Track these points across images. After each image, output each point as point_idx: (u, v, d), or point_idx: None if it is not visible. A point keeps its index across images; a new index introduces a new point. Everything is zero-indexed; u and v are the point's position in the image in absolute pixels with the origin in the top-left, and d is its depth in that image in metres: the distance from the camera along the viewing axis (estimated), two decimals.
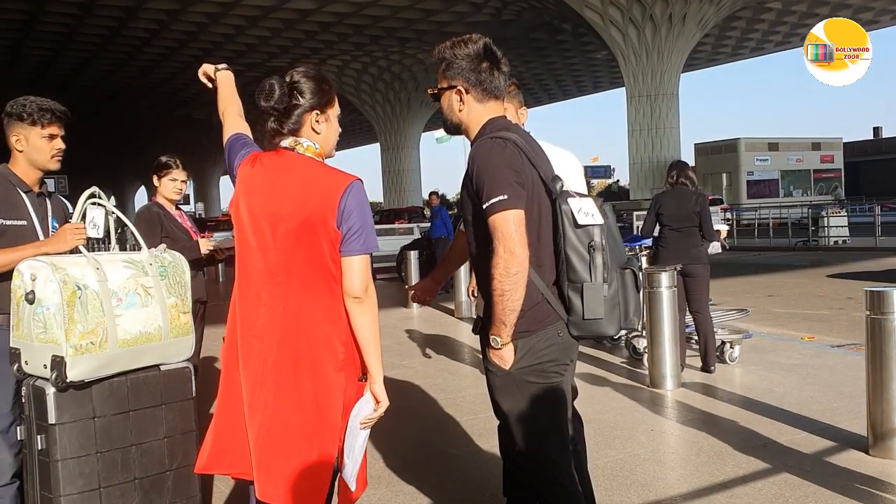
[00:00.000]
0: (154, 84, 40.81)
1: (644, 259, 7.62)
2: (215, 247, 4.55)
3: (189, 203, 47.78)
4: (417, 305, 11.34)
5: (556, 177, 2.54)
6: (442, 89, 2.63)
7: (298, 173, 2.36)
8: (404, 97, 38.58)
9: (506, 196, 2.38)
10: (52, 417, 2.56)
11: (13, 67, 35.02)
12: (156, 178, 4.55)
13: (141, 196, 76.13)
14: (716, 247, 6.84)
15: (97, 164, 58.98)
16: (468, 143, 2.67)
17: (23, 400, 2.68)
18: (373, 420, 2.38)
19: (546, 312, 2.49)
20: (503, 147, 2.47)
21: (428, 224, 17.62)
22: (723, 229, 7.06)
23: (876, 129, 61.70)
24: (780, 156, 37.99)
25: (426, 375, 6.77)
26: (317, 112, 2.40)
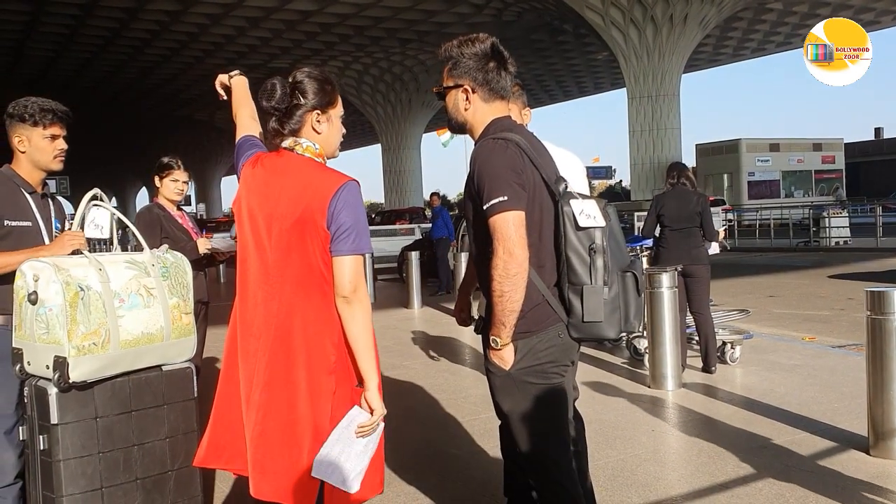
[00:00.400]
0: (155, 85, 40.81)
1: (645, 259, 7.63)
2: (212, 249, 4.54)
3: (191, 204, 47.86)
4: (418, 305, 11.50)
5: (560, 178, 2.54)
6: (448, 88, 2.62)
7: (295, 174, 2.35)
8: (405, 98, 38.56)
9: (506, 197, 2.37)
10: (55, 418, 2.56)
11: (15, 68, 35.02)
12: (157, 179, 4.55)
13: (142, 197, 76.17)
14: (714, 247, 6.86)
15: (98, 165, 59.07)
16: (469, 145, 2.67)
17: (25, 400, 2.69)
18: (367, 428, 2.32)
19: (546, 313, 2.49)
20: (504, 148, 2.46)
21: (429, 225, 17.63)
22: (720, 230, 7.07)
23: (877, 130, 61.75)
24: (782, 156, 37.91)
25: (427, 376, 6.78)
26: (318, 112, 2.40)
